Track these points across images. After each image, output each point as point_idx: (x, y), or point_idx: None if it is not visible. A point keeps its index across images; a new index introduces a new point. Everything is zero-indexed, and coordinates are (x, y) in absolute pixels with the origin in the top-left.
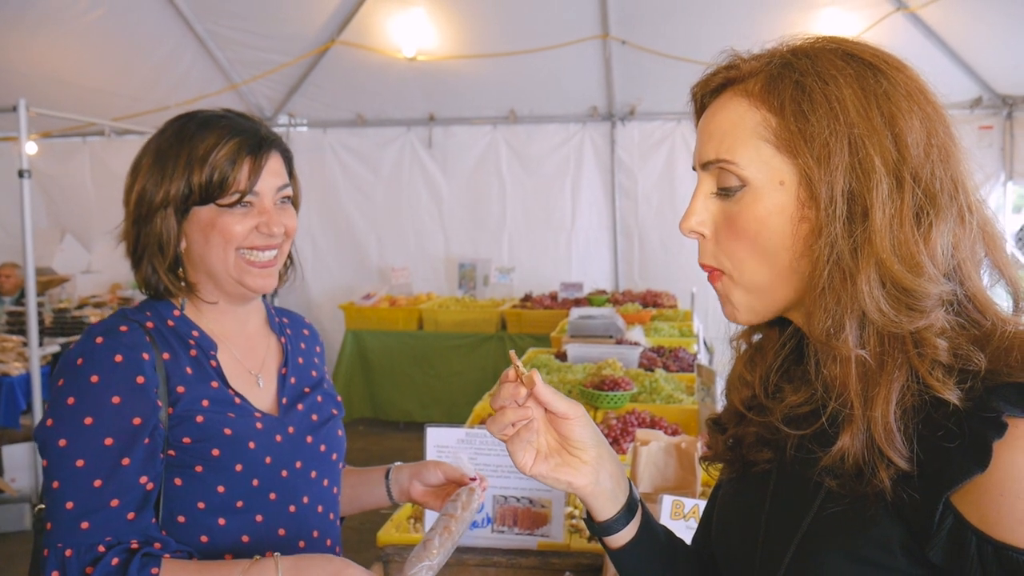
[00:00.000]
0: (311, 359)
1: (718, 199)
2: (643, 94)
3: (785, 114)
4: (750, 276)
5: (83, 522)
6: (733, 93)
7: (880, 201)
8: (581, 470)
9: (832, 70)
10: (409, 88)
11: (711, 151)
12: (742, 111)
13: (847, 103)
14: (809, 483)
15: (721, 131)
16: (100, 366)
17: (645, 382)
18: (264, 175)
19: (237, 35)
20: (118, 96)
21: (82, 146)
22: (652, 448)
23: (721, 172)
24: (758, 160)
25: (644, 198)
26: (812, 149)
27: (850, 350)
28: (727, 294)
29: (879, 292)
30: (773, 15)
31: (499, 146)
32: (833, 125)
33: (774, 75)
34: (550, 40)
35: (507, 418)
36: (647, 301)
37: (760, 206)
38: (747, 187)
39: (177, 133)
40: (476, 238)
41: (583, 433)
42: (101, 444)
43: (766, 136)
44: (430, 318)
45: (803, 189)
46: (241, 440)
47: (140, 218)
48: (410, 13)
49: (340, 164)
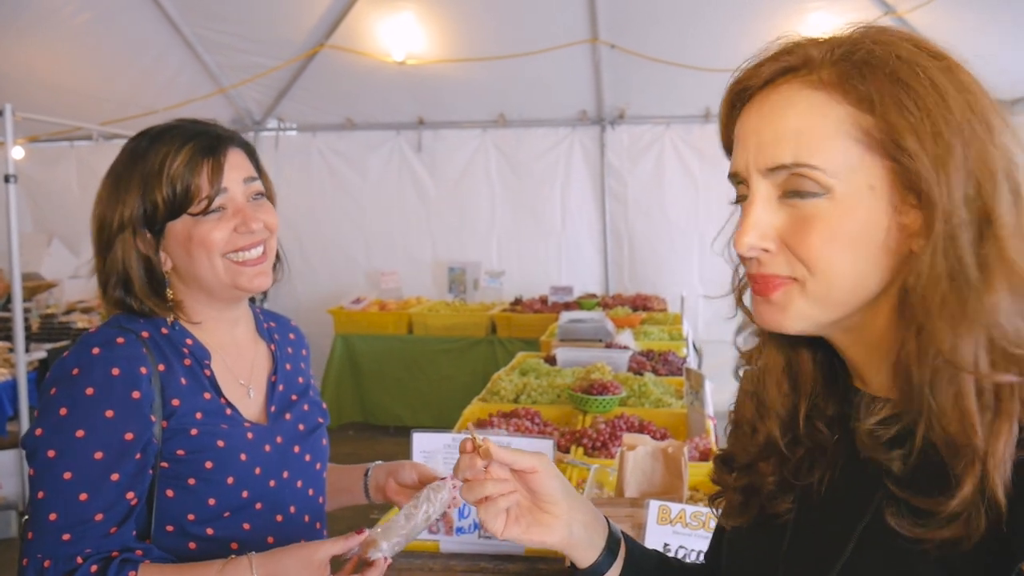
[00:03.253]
0: (298, 364)
1: (784, 206)
2: (632, 98)
3: (885, 108)
4: (828, 283)
5: (65, 534)
6: (799, 84)
7: (1006, 206)
8: (552, 527)
9: (920, 59)
10: (398, 92)
11: (784, 153)
12: (819, 105)
13: (950, 95)
14: (842, 522)
15: (796, 129)
16: (96, 379)
17: (634, 386)
18: (227, 172)
19: (226, 39)
20: (106, 100)
21: (69, 151)
22: (639, 453)
23: (795, 176)
24: (845, 165)
25: (634, 202)
26: (925, 147)
27: (979, 372)
28: (786, 302)
29: (1011, 307)
30: (761, 19)
31: (488, 150)
32: (945, 118)
33: (858, 63)
34: (539, 44)
35: (484, 490)
36: (637, 305)
37: (850, 216)
38: (830, 195)
39: (130, 154)
40: (465, 242)
41: (550, 485)
42: (91, 458)
43: (854, 135)
44: (419, 322)
45: (898, 193)
46: (233, 452)
47: (102, 246)
48: (399, 17)
49: (329, 168)
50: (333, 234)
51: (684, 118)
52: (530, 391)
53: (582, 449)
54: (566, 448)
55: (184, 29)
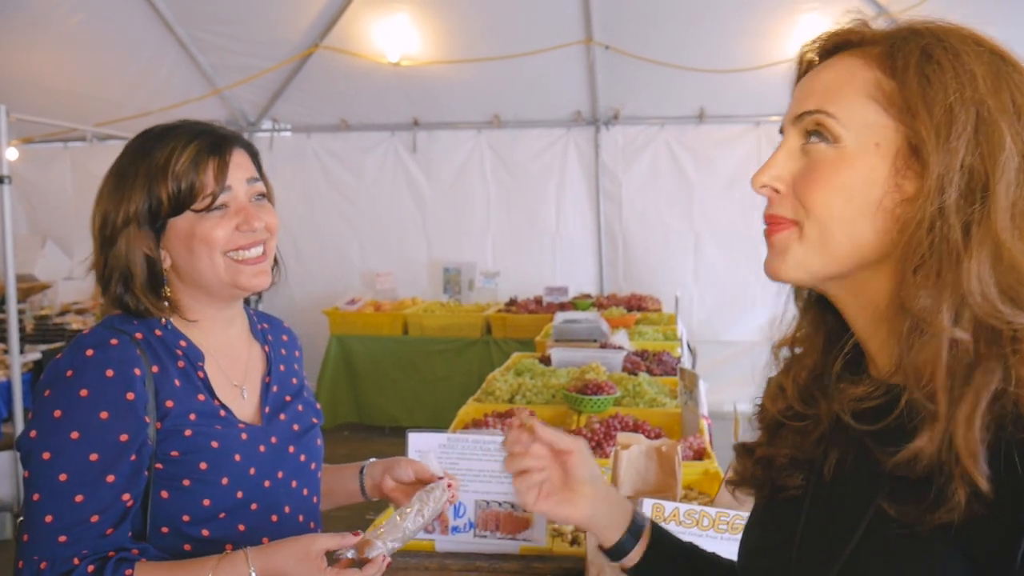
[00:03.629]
0: (291, 365)
1: (802, 154)
2: (627, 99)
3: (907, 76)
4: (823, 227)
5: (61, 536)
6: (848, 54)
7: (1005, 181)
8: (578, 504)
9: (963, 46)
10: (393, 93)
11: (811, 102)
12: (854, 68)
13: (977, 77)
14: (851, 508)
15: (826, 84)
16: (90, 380)
17: (628, 386)
18: (232, 171)
19: (220, 40)
20: (100, 101)
21: (63, 152)
22: (633, 452)
23: (815, 123)
24: (860, 119)
25: (628, 202)
26: (932, 114)
27: (945, 329)
28: (785, 247)
29: (989, 277)
30: (755, 21)
31: (483, 151)
32: (961, 92)
33: (898, 40)
34: (534, 45)
35: (524, 462)
36: (631, 305)
37: (850, 167)
38: (839, 144)
39: (135, 150)
40: (460, 242)
41: (582, 468)
42: (86, 460)
43: (875, 95)
44: (415, 323)
45: (902, 157)
46: (227, 453)
47: (105, 241)
48: (394, 18)
49: (323, 169)
50: (328, 235)
51: (678, 119)
52: (525, 391)
53: None
54: None
55: (178, 30)
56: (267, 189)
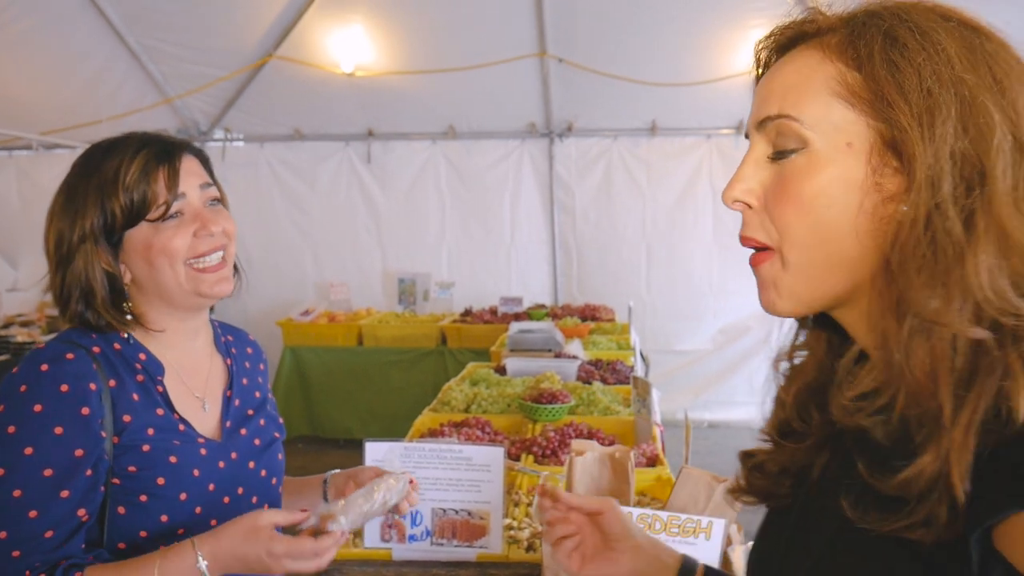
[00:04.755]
0: (255, 378)
1: (771, 164)
2: (580, 111)
3: (873, 65)
4: (800, 250)
5: (15, 551)
6: (805, 47)
7: (1002, 163)
8: (620, 561)
9: (928, 23)
10: (348, 103)
11: (772, 106)
12: (813, 63)
13: (951, 54)
14: (826, 516)
15: (785, 85)
16: (44, 395)
17: (583, 395)
18: (183, 177)
19: (172, 49)
20: (47, 109)
21: (8, 160)
22: (587, 458)
23: (779, 132)
24: (826, 120)
25: (582, 213)
26: (910, 102)
27: (962, 328)
28: (773, 279)
29: (998, 269)
30: (706, 36)
31: (438, 161)
32: (936, 73)
33: (858, 26)
34: (488, 57)
35: (559, 531)
36: (585, 315)
37: (821, 173)
38: (807, 149)
39: (83, 166)
40: (415, 253)
41: (617, 524)
42: (40, 475)
43: (839, 92)
44: (370, 333)
45: (878, 154)
46: (186, 468)
47: (62, 260)
48: (349, 28)
49: (277, 179)
50: (282, 245)
51: (631, 131)
52: (481, 401)
53: (532, 457)
54: (516, 456)
55: (128, 38)
56: (221, 194)
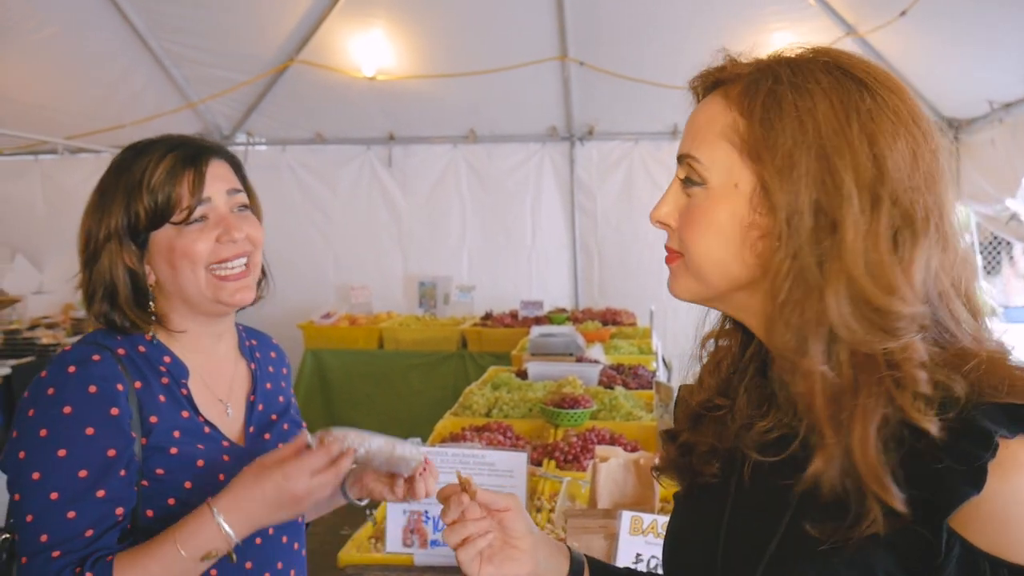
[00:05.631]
0: (278, 383)
1: (685, 193)
2: (601, 114)
3: (753, 119)
4: (698, 263)
5: (55, 551)
6: (717, 93)
7: (852, 217)
8: (521, 560)
9: (810, 82)
10: (369, 107)
11: (685, 145)
12: (717, 111)
13: (819, 116)
14: (771, 506)
15: (695, 128)
16: (73, 397)
17: (605, 399)
18: (209, 181)
19: (194, 53)
20: (71, 114)
21: (33, 165)
22: (611, 465)
23: (689, 167)
24: (719, 162)
25: (603, 217)
26: (774, 158)
27: (814, 365)
28: (677, 273)
29: (848, 309)
30: (729, 38)
31: (459, 165)
32: (798, 136)
33: (753, 80)
34: (509, 60)
35: (466, 530)
36: (607, 319)
37: (715, 207)
38: (706, 186)
39: (116, 166)
40: (436, 256)
41: (519, 522)
42: (75, 476)
43: (731, 139)
44: (390, 337)
45: (757, 196)
46: (212, 472)
47: (89, 258)
48: (370, 33)
49: (299, 183)
50: (303, 249)
51: (653, 134)
52: (502, 405)
53: (554, 462)
54: (538, 461)
55: (152, 43)
56: (251, 200)
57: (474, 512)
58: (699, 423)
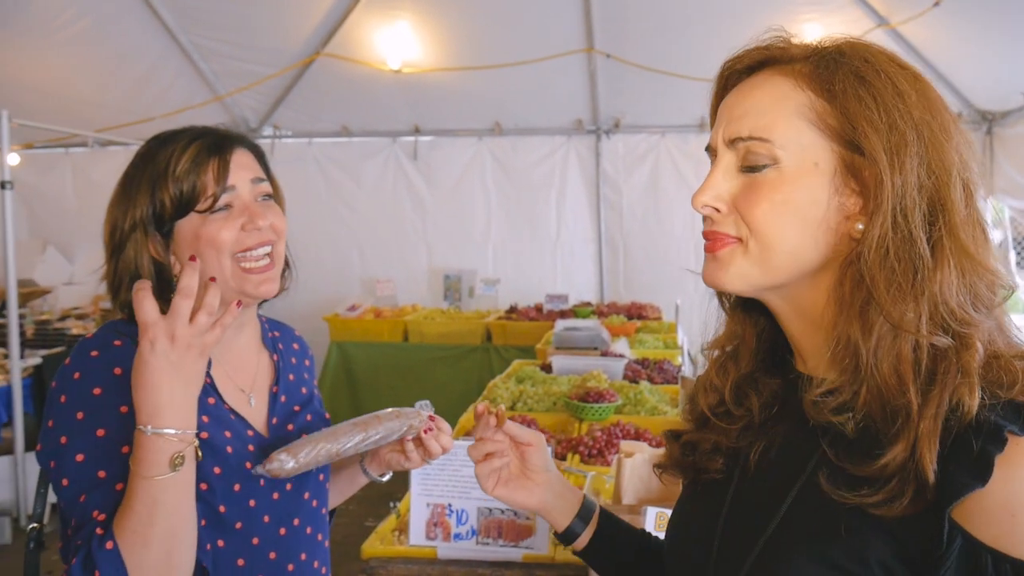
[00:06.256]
0: (301, 375)
1: (740, 175)
2: (627, 107)
3: (845, 98)
4: (770, 246)
5: (95, 511)
6: (774, 72)
7: (957, 200)
8: (532, 491)
9: (890, 68)
10: (394, 100)
11: (744, 127)
12: (786, 89)
13: (912, 99)
14: (774, 491)
15: (758, 108)
16: (100, 378)
17: (630, 394)
18: (234, 170)
19: (222, 47)
20: (101, 107)
21: (64, 157)
22: (636, 460)
23: (751, 149)
24: (796, 141)
25: (629, 210)
26: (881, 136)
27: (924, 335)
28: (729, 260)
29: (959, 286)
30: (756, 30)
31: (484, 158)
32: (902, 114)
33: (828, 60)
34: (535, 53)
35: (487, 447)
36: (632, 313)
37: (791, 185)
38: (778, 165)
39: (141, 156)
40: (461, 249)
41: (539, 458)
42: (119, 453)
43: (810, 117)
44: (415, 330)
45: (840, 176)
46: (239, 460)
47: (115, 247)
48: (395, 26)
49: (324, 175)
50: (329, 241)
51: (679, 127)
52: (526, 399)
53: (578, 457)
54: (562, 455)
55: (181, 37)
56: (275, 190)
57: (499, 436)
58: (705, 424)
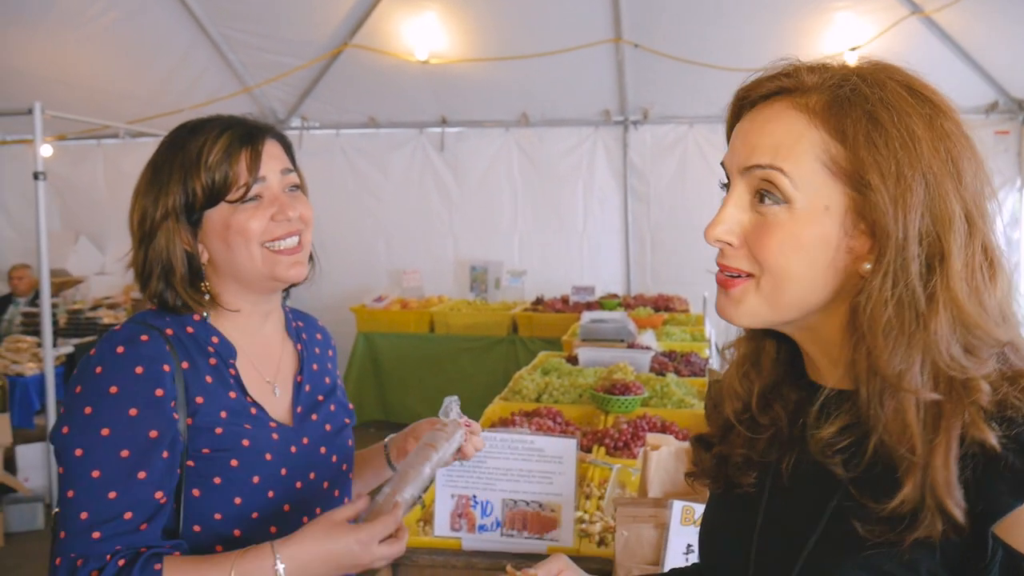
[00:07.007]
0: (325, 364)
1: (752, 208)
2: (656, 98)
3: (856, 143)
4: (780, 285)
5: (95, 532)
6: (789, 104)
7: (957, 245)
8: None
9: (904, 104)
10: (421, 91)
11: (762, 155)
12: (801, 127)
13: (921, 142)
14: (810, 507)
15: (775, 140)
16: (119, 377)
17: (656, 387)
18: (265, 161)
19: (250, 39)
20: (132, 99)
21: (96, 149)
22: (663, 453)
23: (766, 180)
24: (810, 182)
25: (656, 201)
26: (887, 187)
27: (918, 391)
28: (740, 298)
29: (949, 335)
30: (786, 19)
31: (511, 149)
32: (911, 161)
33: (842, 98)
34: (563, 43)
35: None
36: (659, 305)
37: (802, 227)
38: (790, 205)
39: (169, 145)
40: (487, 241)
41: None
42: (117, 456)
43: (824, 160)
44: (441, 321)
45: (850, 219)
46: (259, 451)
47: (144, 237)
48: (423, 16)
49: (351, 167)
50: (356, 232)
51: (708, 118)
52: (552, 391)
53: (604, 449)
54: (588, 448)
55: (210, 29)
56: (301, 181)
57: None
58: (730, 433)
